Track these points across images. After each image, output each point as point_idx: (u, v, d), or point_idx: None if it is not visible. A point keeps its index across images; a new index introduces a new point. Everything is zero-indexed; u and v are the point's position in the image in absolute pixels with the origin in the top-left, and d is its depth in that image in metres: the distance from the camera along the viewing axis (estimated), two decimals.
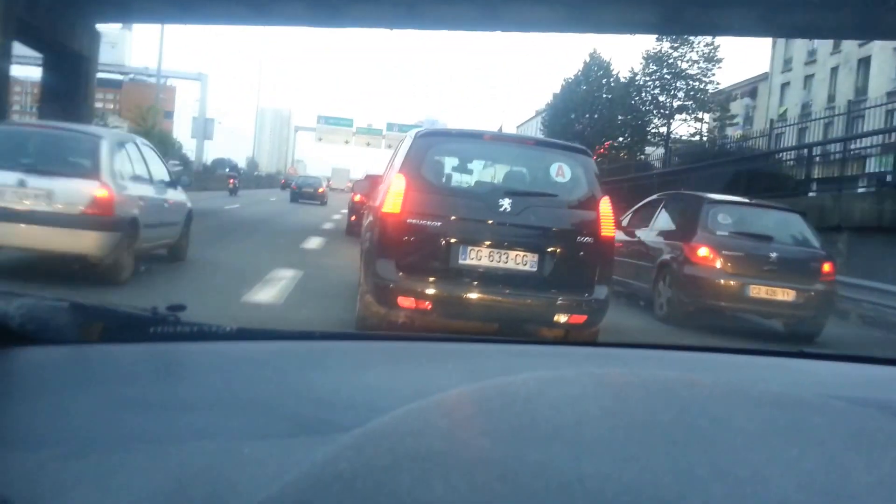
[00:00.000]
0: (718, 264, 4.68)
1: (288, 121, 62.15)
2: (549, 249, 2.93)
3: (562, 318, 2.86)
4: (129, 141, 4.20)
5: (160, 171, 4.36)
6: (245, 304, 3.51)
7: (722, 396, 0.44)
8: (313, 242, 6.99)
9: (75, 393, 0.57)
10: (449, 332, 2.61)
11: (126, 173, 3.74)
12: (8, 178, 3.12)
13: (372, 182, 5.02)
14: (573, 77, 31.96)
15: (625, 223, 5.81)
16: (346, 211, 10.64)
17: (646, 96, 27.12)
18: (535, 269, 2.89)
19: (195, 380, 0.63)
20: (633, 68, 27.92)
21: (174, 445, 0.48)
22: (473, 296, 2.85)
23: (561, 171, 3.13)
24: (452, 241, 2.85)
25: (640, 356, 0.85)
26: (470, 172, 3.54)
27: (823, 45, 24.70)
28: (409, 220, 2.83)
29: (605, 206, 3.05)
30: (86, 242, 3.15)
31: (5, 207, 3.10)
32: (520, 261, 2.89)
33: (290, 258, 5.25)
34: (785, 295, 4.60)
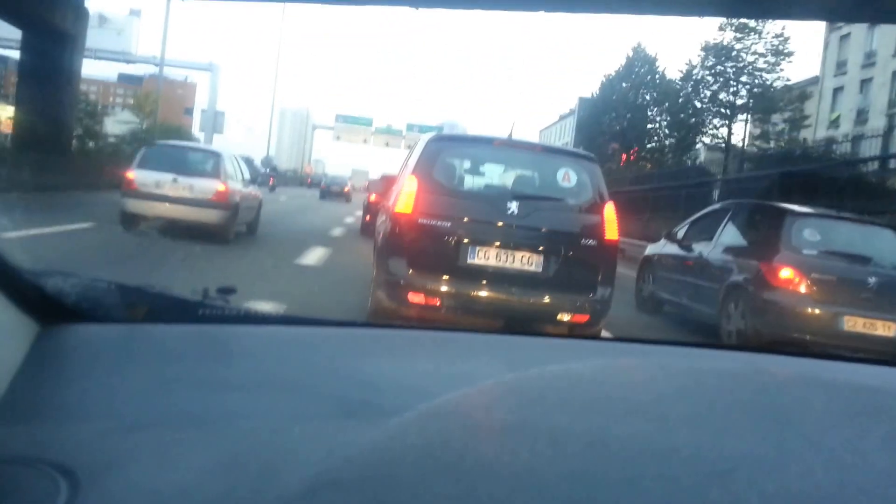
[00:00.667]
0: (805, 289, 4.19)
1: (305, 118, 64.59)
2: (554, 251, 3.38)
3: (565, 317, 3.32)
4: (232, 156, 7.48)
5: (246, 174, 7.72)
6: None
7: (788, 383, 0.54)
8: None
9: (128, 369, 0.66)
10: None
11: (232, 176, 6.91)
12: (167, 177, 6.40)
13: (387, 182, 5.67)
14: (614, 73, 31.71)
15: (679, 236, 5.60)
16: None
17: (703, 93, 25.77)
18: (539, 269, 3.35)
19: (243, 361, 0.69)
20: (690, 60, 26.66)
21: (226, 424, 0.56)
22: (481, 294, 3.32)
23: (567, 176, 3.62)
24: (462, 241, 3.33)
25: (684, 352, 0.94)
26: (480, 176, 4.06)
27: (884, 47, 24.23)
28: (420, 220, 3.32)
29: (610, 210, 3.51)
30: (212, 216, 6.37)
31: (165, 195, 6.29)
32: (526, 261, 3.35)
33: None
34: (886, 329, 4.07)
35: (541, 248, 3.37)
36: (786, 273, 4.24)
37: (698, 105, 26.00)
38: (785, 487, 0.34)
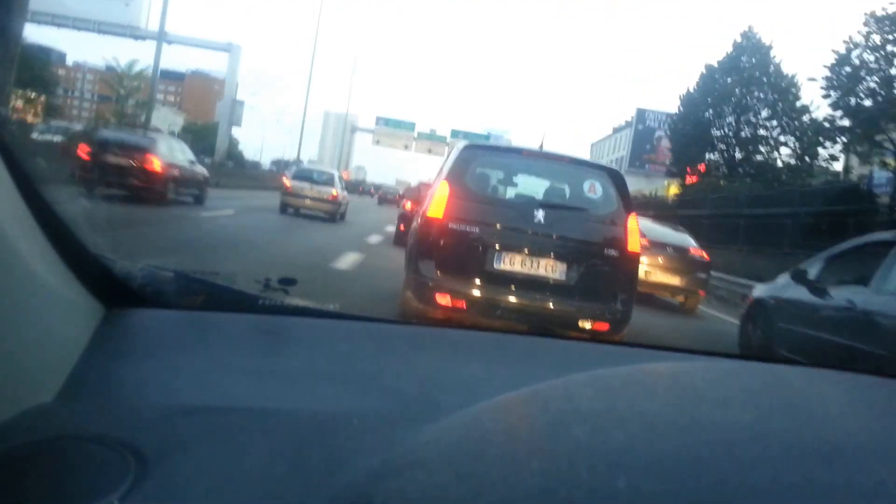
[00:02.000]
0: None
1: (344, 120, 69.23)
2: (577, 260, 4.32)
3: (586, 325, 4.26)
4: (336, 170, 19.39)
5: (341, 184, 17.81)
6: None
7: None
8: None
9: (189, 354, 0.83)
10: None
11: (339, 183, 17.18)
12: (306, 185, 16.16)
13: (422, 190, 6.90)
14: (716, 65, 30.84)
15: (812, 275, 5.20)
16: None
17: (869, 81, 20.65)
18: (563, 277, 4.30)
19: (300, 352, 0.86)
20: (850, 37, 21.64)
21: (287, 412, 0.71)
22: (505, 298, 4.24)
23: (593, 187, 4.65)
24: (489, 246, 4.28)
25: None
26: (509, 184, 5.10)
27: None
28: (450, 225, 4.30)
29: (633, 222, 4.47)
30: (330, 208, 16.41)
31: (305, 195, 16.11)
32: (550, 269, 4.31)
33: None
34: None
35: (565, 257, 4.28)
36: None
37: (852, 102, 21.14)
38: (808, 480, 0.44)
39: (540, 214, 4.33)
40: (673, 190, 34.50)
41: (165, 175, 11.78)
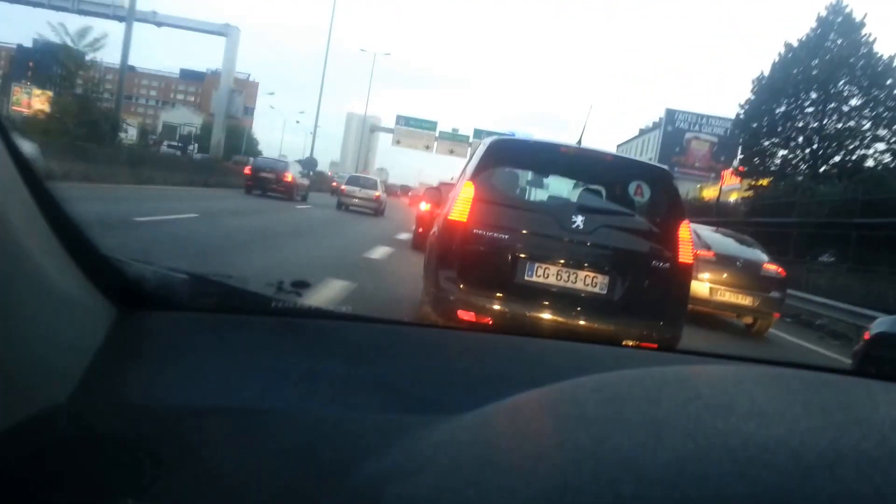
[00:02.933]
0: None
1: (363, 120, 71.90)
2: (622, 272, 4.33)
3: (630, 345, 4.33)
4: (378, 177, 33.75)
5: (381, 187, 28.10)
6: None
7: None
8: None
9: (202, 356, 0.93)
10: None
11: (380, 189, 26.94)
12: (355, 188, 26.31)
13: (443, 190, 6.96)
14: (797, 43, 29.66)
15: None
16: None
17: None
18: (605, 291, 4.31)
19: (314, 354, 0.96)
20: None
21: (299, 412, 0.82)
22: (538, 316, 4.27)
23: (640, 190, 4.68)
24: (519, 255, 4.22)
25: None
26: (543, 185, 5.15)
27: None
28: (475, 231, 4.31)
29: (685, 230, 4.47)
30: (374, 205, 25.61)
31: (354, 196, 25.95)
32: (589, 282, 4.32)
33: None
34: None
35: (607, 268, 4.29)
36: None
37: None
38: (847, 485, 0.48)
39: (578, 220, 4.34)
40: (735, 194, 33.92)
41: (293, 184, 25.39)
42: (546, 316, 4.31)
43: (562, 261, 4.34)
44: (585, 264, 4.30)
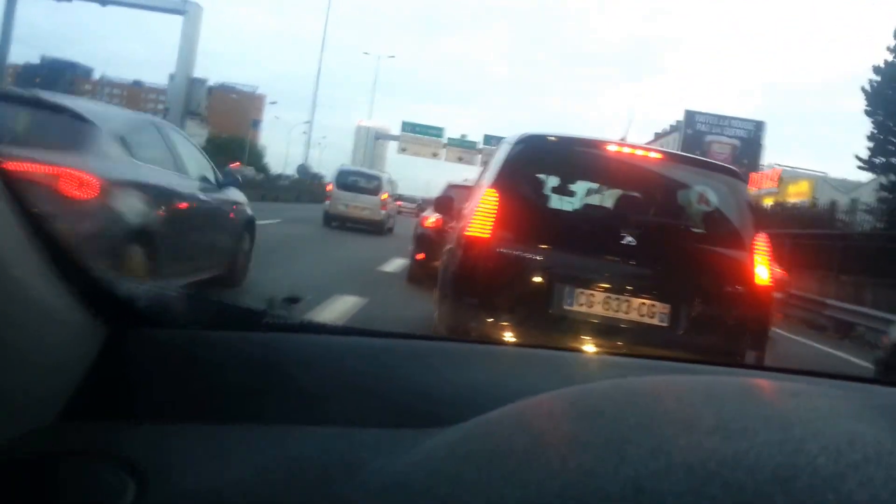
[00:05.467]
0: None
1: (369, 131, 72.82)
2: (686, 299, 3.69)
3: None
4: (388, 177, 25.06)
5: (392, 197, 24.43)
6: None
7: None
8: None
9: (193, 373, 0.95)
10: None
11: (385, 191, 21.67)
12: (350, 195, 20.38)
13: (455, 196, 6.00)
14: None
15: None
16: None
17: None
18: (666, 323, 3.64)
19: (304, 369, 0.98)
20: None
21: (288, 427, 0.82)
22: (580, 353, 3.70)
23: (704, 197, 4.00)
24: (556, 279, 3.68)
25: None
26: (584, 192, 4.47)
27: None
28: (500, 249, 3.70)
29: (762, 245, 3.79)
30: (378, 217, 20.54)
31: (348, 207, 20.25)
32: (646, 312, 3.66)
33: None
34: None
35: (668, 295, 3.65)
36: None
37: None
38: (846, 497, 0.49)
39: (630, 234, 3.75)
40: (769, 199, 31.81)
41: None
42: (594, 355, 3.61)
43: (610, 285, 3.69)
44: (640, 290, 3.70)
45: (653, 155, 4.09)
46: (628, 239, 3.72)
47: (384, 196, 20.49)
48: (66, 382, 0.86)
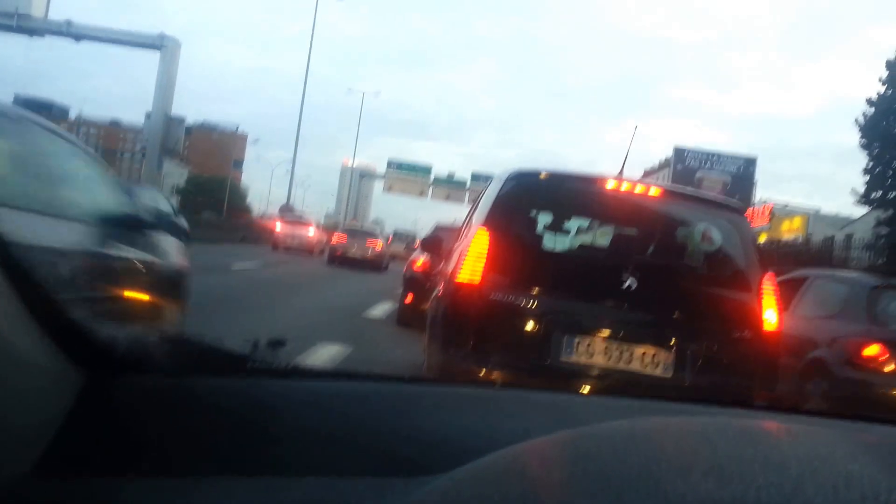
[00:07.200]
0: (891, 368, 5.54)
1: (353, 171, 74.07)
2: (691, 347, 3.51)
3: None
4: (380, 226, 48.97)
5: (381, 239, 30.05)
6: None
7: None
8: None
9: (176, 421, 0.93)
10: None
11: (383, 235, 32.44)
12: (347, 238, 27.20)
13: (444, 237, 5.83)
14: None
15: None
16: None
17: None
18: (669, 373, 3.49)
19: (291, 415, 0.98)
20: None
21: (274, 476, 0.82)
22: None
23: (707, 235, 3.84)
24: (553, 327, 3.51)
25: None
26: (581, 232, 4.31)
27: None
28: (492, 296, 3.54)
29: (769, 286, 3.64)
30: (377, 261, 26.09)
31: (348, 248, 26.21)
32: (649, 360, 3.51)
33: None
34: None
35: (671, 342, 3.50)
36: (871, 350, 5.62)
37: None
38: None
39: (631, 277, 3.59)
40: (763, 235, 31.52)
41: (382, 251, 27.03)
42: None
43: (610, 333, 3.54)
44: (643, 337, 3.56)
45: (652, 191, 3.94)
46: (629, 282, 3.57)
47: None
48: (43, 431, 0.85)
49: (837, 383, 5.64)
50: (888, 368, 5.53)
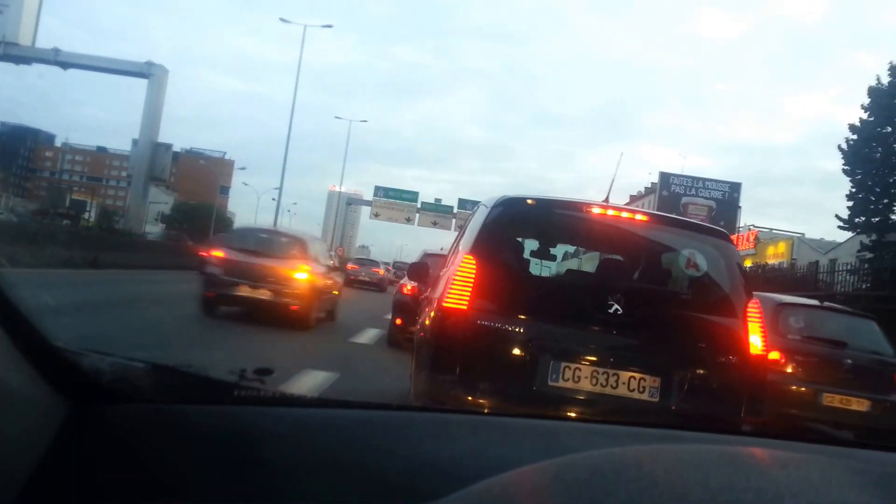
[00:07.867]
0: (790, 370, 6.98)
1: (341, 197, 73.97)
2: (678, 371, 3.54)
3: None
4: (367, 252, 75.06)
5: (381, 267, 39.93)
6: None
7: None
8: None
9: (163, 450, 0.93)
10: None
11: (383, 264, 41.08)
12: (358, 266, 36.44)
13: (431, 263, 5.92)
14: None
15: None
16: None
17: None
18: (656, 398, 3.49)
19: (279, 443, 0.97)
20: None
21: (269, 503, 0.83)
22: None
23: (693, 260, 3.89)
24: (541, 353, 3.53)
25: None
26: (567, 258, 4.36)
27: None
28: (479, 322, 3.54)
29: (755, 312, 3.67)
30: (380, 283, 33.01)
31: (359, 273, 34.02)
32: (635, 386, 3.51)
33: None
34: (859, 405, 6.89)
35: (657, 367, 3.52)
36: (773, 355, 6.61)
37: None
38: None
39: (617, 303, 3.61)
40: (748, 261, 31.81)
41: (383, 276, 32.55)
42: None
43: (597, 358, 3.54)
44: (629, 362, 3.57)
45: (639, 217, 3.96)
46: (615, 307, 3.59)
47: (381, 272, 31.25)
48: (26, 460, 0.84)
49: None
50: (787, 370, 7.04)
